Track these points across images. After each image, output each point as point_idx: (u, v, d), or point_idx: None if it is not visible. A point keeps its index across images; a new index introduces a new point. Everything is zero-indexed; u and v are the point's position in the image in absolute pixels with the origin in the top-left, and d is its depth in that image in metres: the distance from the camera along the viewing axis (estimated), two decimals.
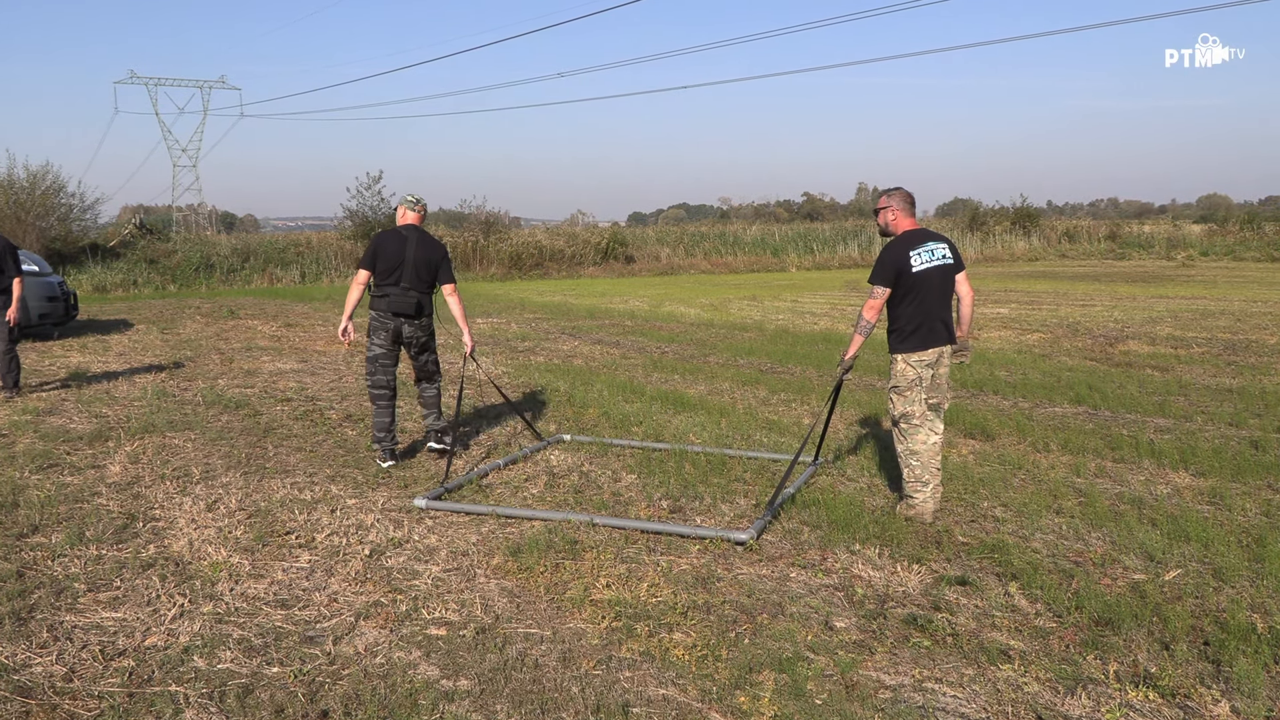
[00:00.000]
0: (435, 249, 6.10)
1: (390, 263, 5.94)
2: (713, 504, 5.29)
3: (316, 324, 15.29)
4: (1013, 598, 3.93)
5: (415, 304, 5.97)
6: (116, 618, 3.76)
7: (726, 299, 20.49)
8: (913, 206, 5.18)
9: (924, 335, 5.04)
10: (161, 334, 13.89)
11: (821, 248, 38.05)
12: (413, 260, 5.96)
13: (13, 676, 3.24)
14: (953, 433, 7.00)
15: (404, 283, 5.95)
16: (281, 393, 8.81)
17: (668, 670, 3.29)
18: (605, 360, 11.17)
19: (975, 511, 5.16)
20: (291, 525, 4.90)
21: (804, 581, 4.14)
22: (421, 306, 6.01)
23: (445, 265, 6.13)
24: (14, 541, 4.61)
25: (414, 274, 5.96)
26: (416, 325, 6.04)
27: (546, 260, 31.97)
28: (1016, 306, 17.21)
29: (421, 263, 5.98)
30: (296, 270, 28.17)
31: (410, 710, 3.03)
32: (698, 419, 7.54)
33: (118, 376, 9.72)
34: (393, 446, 6.14)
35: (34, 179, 25.21)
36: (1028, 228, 42.03)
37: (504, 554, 4.45)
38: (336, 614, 3.80)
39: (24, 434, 6.92)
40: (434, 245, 6.11)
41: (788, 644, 3.48)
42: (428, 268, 6.01)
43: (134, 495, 5.43)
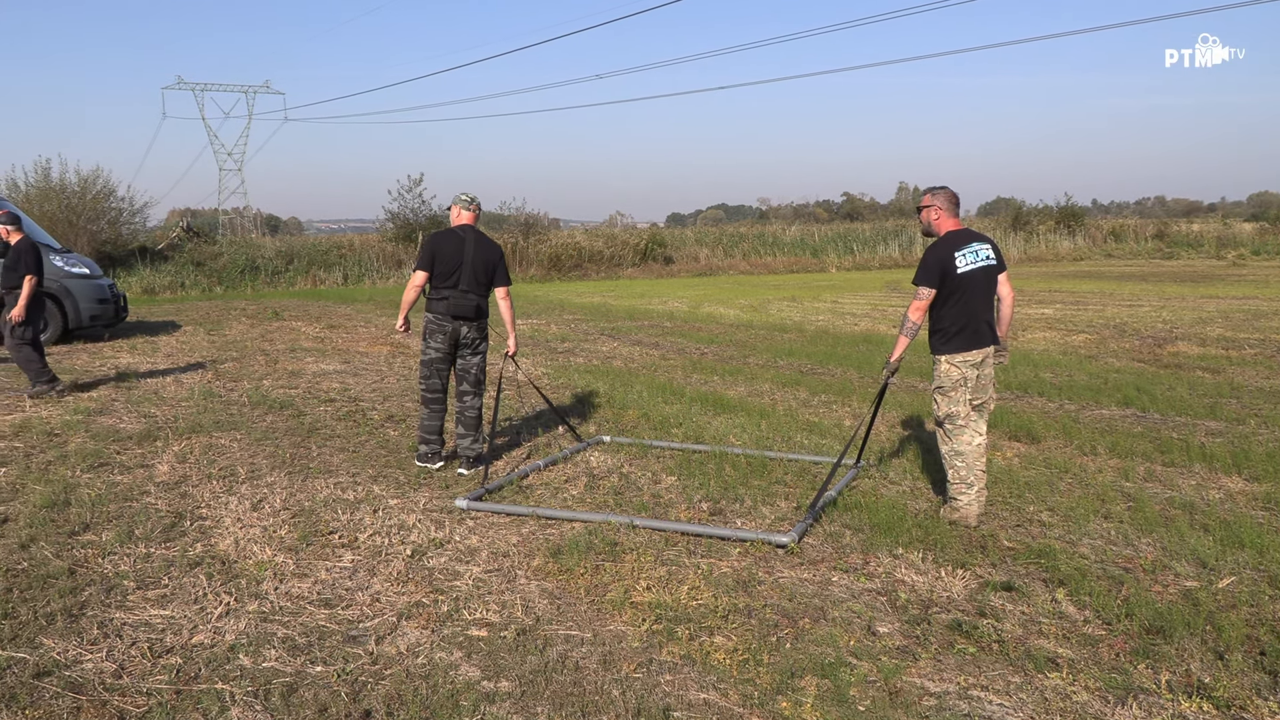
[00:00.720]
0: (493, 250, 6.01)
1: (448, 265, 5.86)
2: (753, 506, 5.26)
3: (359, 325, 15.45)
4: (1060, 604, 3.86)
5: (474, 307, 5.91)
6: (164, 615, 3.82)
7: (766, 300, 20.39)
8: (957, 206, 5.11)
9: (969, 336, 4.97)
10: (208, 335, 14.12)
11: (862, 248, 37.75)
12: (471, 262, 5.89)
13: (64, 673, 3.30)
14: (997, 435, 6.90)
15: (463, 285, 5.87)
16: (325, 393, 8.91)
17: (709, 674, 3.27)
18: (645, 361, 11.16)
19: (1021, 516, 5.08)
20: (335, 525, 4.95)
21: (846, 586, 4.10)
22: (480, 309, 5.96)
23: (502, 267, 6.05)
24: (66, 539, 4.70)
25: (472, 276, 5.89)
26: (474, 327, 5.98)
27: (585, 261, 32.03)
28: (1061, 307, 16.94)
29: (480, 265, 5.92)
30: (339, 272, 28.48)
31: (452, 711, 3.04)
32: (738, 421, 7.51)
33: (166, 377, 9.89)
34: (439, 449, 6.17)
35: (85, 184, 25.72)
36: (1072, 227, 41.37)
37: (544, 555, 4.46)
38: (379, 614, 3.83)
39: (76, 433, 7.07)
40: (491, 247, 6.03)
41: (830, 649, 3.45)
42: (486, 270, 5.95)
43: (181, 494, 5.52)
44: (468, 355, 6.05)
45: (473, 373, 6.09)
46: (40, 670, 3.31)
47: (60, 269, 12.80)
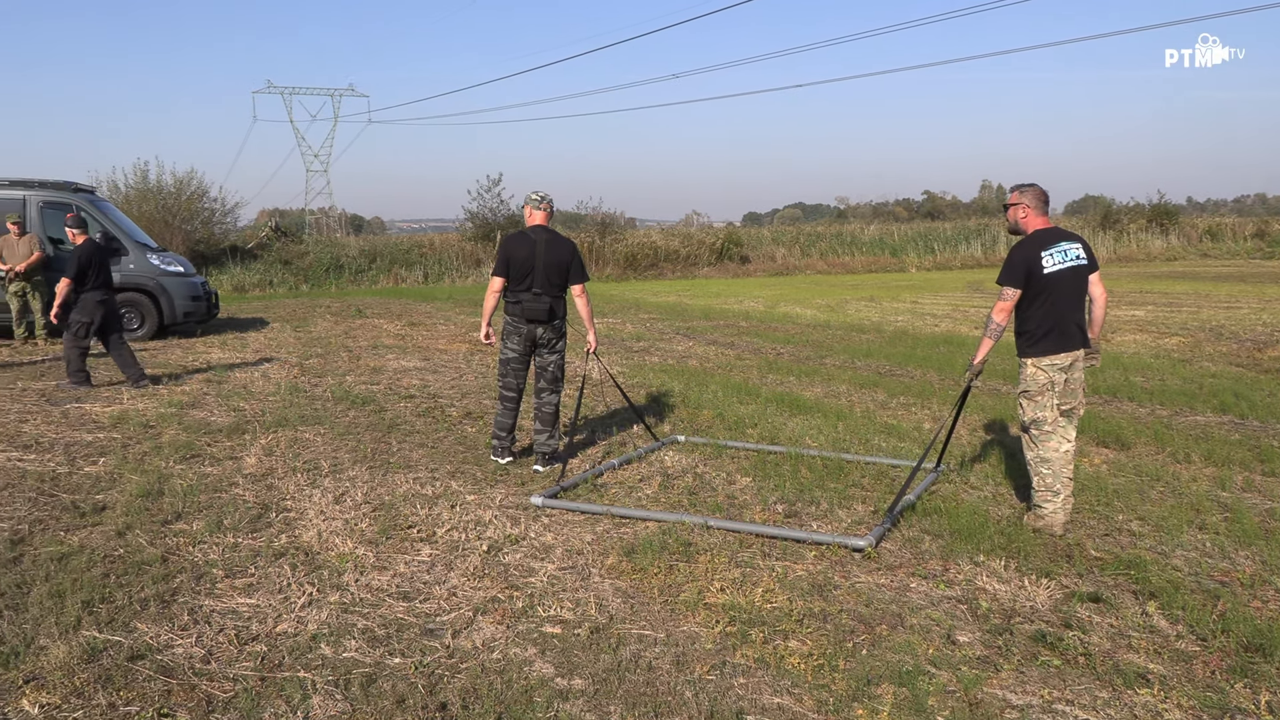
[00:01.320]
0: (565, 250, 6.03)
1: (521, 269, 5.91)
2: (829, 509, 5.19)
3: (439, 323, 15.72)
4: (1151, 618, 3.72)
5: (548, 309, 5.94)
6: (251, 604, 3.93)
7: (843, 300, 20.13)
8: (1046, 205, 4.97)
9: (1056, 338, 4.83)
10: (294, 332, 14.53)
11: (943, 247, 36.98)
12: (543, 265, 5.91)
13: (157, 656, 3.43)
14: (1084, 441, 6.68)
15: (536, 288, 5.92)
16: (405, 390, 9.08)
17: (783, 679, 3.24)
18: (720, 361, 11.12)
19: (1109, 525, 4.91)
20: (413, 519, 5.03)
21: (925, 592, 4.02)
22: (554, 310, 5.98)
23: (576, 265, 6.06)
24: (159, 528, 4.88)
25: (545, 279, 5.92)
26: (549, 328, 6.02)
27: (661, 261, 32.05)
28: (1154, 309, 16.35)
29: (552, 266, 5.94)
30: (420, 271, 29.05)
31: (525, 707, 3.07)
32: (814, 422, 7.42)
33: (254, 372, 10.20)
34: (510, 445, 6.24)
35: (180, 185, 26.72)
36: (1165, 226, 39.86)
37: (618, 554, 4.47)
38: (456, 608, 3.89)
39: (169, 426, 7.33)
40: (563, 246, 6.05)
41: (908, 657, 3.38)
42: (558, 271, 5.97)
43: (268, 486, 5.68)
44: (545, 354, 6.10)
45: (550, 370, 6.14)
46: (134, 653, 3.44)
47: (156, 267, 13.32)
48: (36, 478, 5.78)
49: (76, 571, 4.22)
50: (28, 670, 3.29)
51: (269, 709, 3.07)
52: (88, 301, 8.98)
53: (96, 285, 9.03)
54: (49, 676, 3.23)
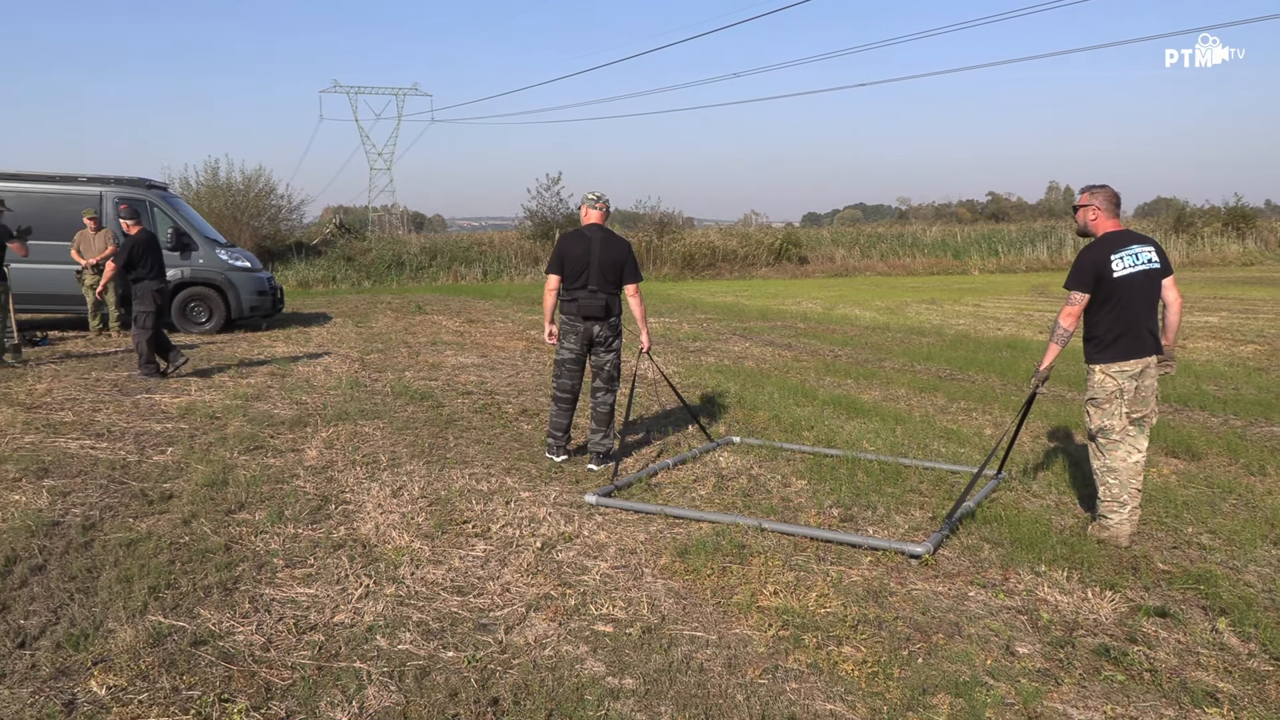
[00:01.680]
0: (620, 248, 6.05)
1: (576, 266, 5.95)
2: (886, 514, 5.12)
3: (496, 321, 15.87)
4: (1221, 635, 3.60)
5: (604, 306, 5.96)
6: (309, 593, 4.00)
7: (904, 302, 19.86)
8: (1117, 207, 4.83)
9: (1126, 344, 4.69)
10: (356, 327, 14.78)
11: (1007, 250, 36.27)
12: (598, 263, 5.95)
13: (218, 643, 3.50)
14: (1153, 450, 6.49)
15: (591, 285, 5.94)
16: (463, 386, 9.18)
17: (836, 685, 3.20)
18: (776, 362, 11.04)
19: (1178, 537, 4.77)
20: (469, 515, 5.08)
21: (983, 602, 3.93)
22: (610, 308, 6.00)
23: (630, 264, 6.08)
24: (223, 517, 5.00)
25: (600, 276, 5.95)
26: (606, 325, 6.03)
27: (719, 261, 31.95)
28: (1228, 315, 15.85)
29: (608, 264, 5.96)
30: (479, 268, 29.36)
31: (576, 705, 3.07)
32: (871, 425, 7.32)
33: (316, 366, 10.40)
34: (565, 444, 6.27)
35: (249, 182, 27.42)
36: (1242, 229, 38.58)
37: (671, 554, 4.45)
38: (509, 604, 3.91)
39: (234, 418, 7.50)
40: (618, 244, 6.08)
41: (965, 667, 3.31)
42: (614, 269, 5.99)
43: (328, 479, 5.78)
44: (601, 352, 6.10)
45: (606, 369, 6.15)
46: (197, 639, 3.52)
47: (224, 262, 13.64)
48: (108, 465, 5.96)
49: (144, 557, 4.33)
50: (96, 652, 3.39)
51: (325, 698, 3.11)
52: (146, 291, 9.21)
53: (151, 275, 9.27)
54: (116, 659, 3.33)
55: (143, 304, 9.20)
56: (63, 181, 13.36)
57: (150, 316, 9.21)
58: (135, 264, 9.16)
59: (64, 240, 12.71)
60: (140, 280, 9.20)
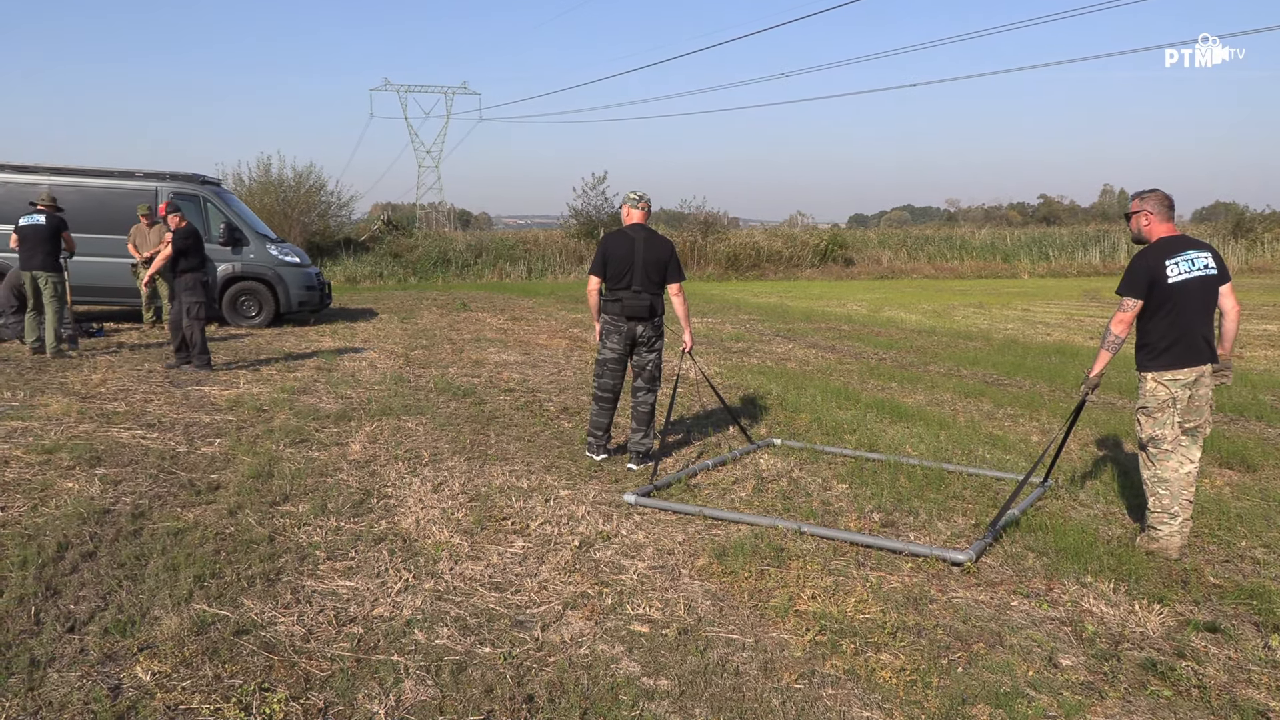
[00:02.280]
0: (663, 248, 6.05)
1: (620, 266, 5.95)
2: (928, 520, 5.05)
3: (540, 319, 15.94)
4: (1274, 651, 3.50)
5: (648, 306, 5.96)
6: (350, 586, 4.04)
7: (950, 305, 19.61)
8: (1171, 210, 4.72)
9: (1180, 352, 4.58)
10: (401, 323, 14.93)
11: (1058, 254, 35.62)
12: (642, 262, 5.94)
13: (260, 632, 3.56)
14: (1207, 461, 6.33)
15: (635, 285, 5.94)
16: (505, 383, 9.23)
17: (873, 692, 3.16)
18: (820, 365, 10.95)
19: (1230, 551, 4.64)
20: (508, 511, 5.10)
21: (1026, 612, 3.86)
22: (654, 308, 6.01)
23: (674, 263, 6.08)
24: (268, 508, 5.07)
25: (644, 276, 5.95)
26: (649, 325, 6.03)
27: (763, 261, 31.80)
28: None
29: (651, 264, 5.96)
30: (524, 266, 29.52)
31: (611, 704, 3.07)
32: (915, 430, 7.24)
33: (362, 361, 10.52)
34: (605, 443, 6.28)
35: (299, 179, 27.81)
36: None
37: (709, 556, 4.44)
38: (546, 601, 3.92)
39: (281, 411, 7.62)
40: (661, 244, 6.08)
41: (1006, 677, 3.26)
42: (657, 268, 5.99)
43: (370, 473, 5.84)
44: (644, 352, 6.10)
45: (648, 369, 6.14)
46: (240, 628, 3.58)
47: (275, 257, 13.86)
48: (158, 455, 6.08)
49: (190, 547, 4.41)
50: (142, 639, 3.46)
51: (363, 690, 3.15)
52: (195, 282, 9.43)
53: (196, 268, 9.49)
54: (161, 646, 3.39)
55: (194, 294, 9.40)
56: (120, 177, 13.66)
57: (203, 307, 9.43)
58: (182, 256, 9.38)
59: (120, 234, 13.01)
60: (187, 272, 9.41)
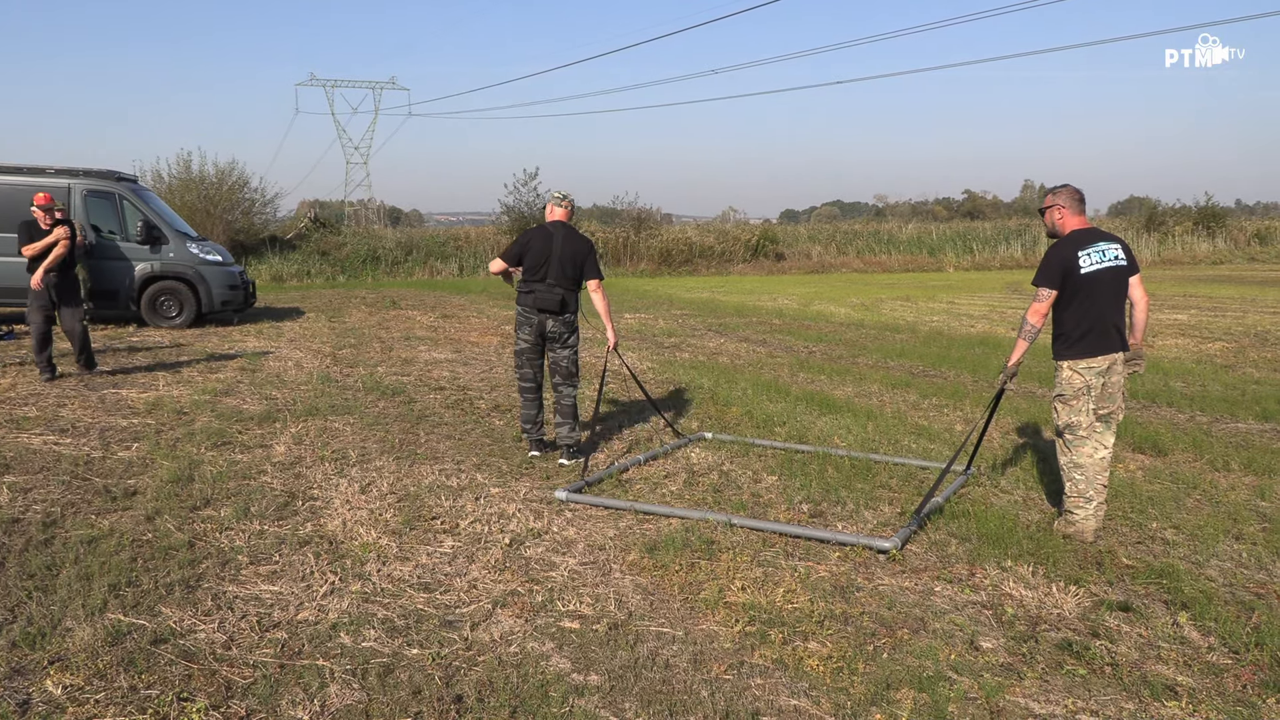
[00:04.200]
0: (581, 244, 6.10)
1: (537, 259, 5.98)
2: (855, 510, 5.13)
3: (471, 316, 15.79)
4: (1182, 629, 3.63)
5: (559, 300, 5.99)
6: (274, 590, 3.96)
7: (879, 299, 19.95)
8: (1082, 204, 4.87)
9: (1093, 341, 4.73)
10: (329, 322, 14.66)
11: (981, 247, 36.53)
12: (559, 256, 5.98)
13: (179, 641, 3.46)
14: (1120, 447, 6.56)
15: (550, 279, 5.97)
16: (435, 381, 9.12)
17: (800, 680, 3.20)
18: (751, 359, 11.05)
19: (1142, 533, 4.81)
20: (438, 511, 5.05)
21: (949, 597, 3.95)
22: (565, 303, 6.03)
23: (591, 260, 6.11)
24: (188, 513, 4.94)
25: (559, 270, 5.98)
26: (559, 321, 6.06)
27: (696, 257, 31.98)
28: (1197, 313, 16.02)
29: (568, 259, 6.00)
30: (455, 264, 29.22)
31: (541, 701, 3.06)
32: (843, 421, 7.35)
33: (288, 361, 10.30)
34: (539, 437, 6.26)
35: (221, 175, 27.09)
36: (1212, 228, 39.09)
37: (640, 550, 4.44)
38: (475, 600, 3.89)
39: (203, 413, 7.42)
40: (580, 241, 6.12)
41: (929, 662, 3.33)
42: (574, 263, 6.02)
43: (295, 475, 5.72)
44: (557, 348, 6.16)
45: (563, 365, 6.18)
46: (157, 637, 3.47)
47: (195, 256, 13.49)
48: (71, 461, 5.88)
49: (105, 555, 4.27)
50: (53, 651, 3.34)
51: (286, 696, 3.08)
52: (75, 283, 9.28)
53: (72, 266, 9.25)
54: (73, 658, 3.28)
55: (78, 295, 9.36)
56: (30, 174, 13.14)
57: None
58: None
59: None
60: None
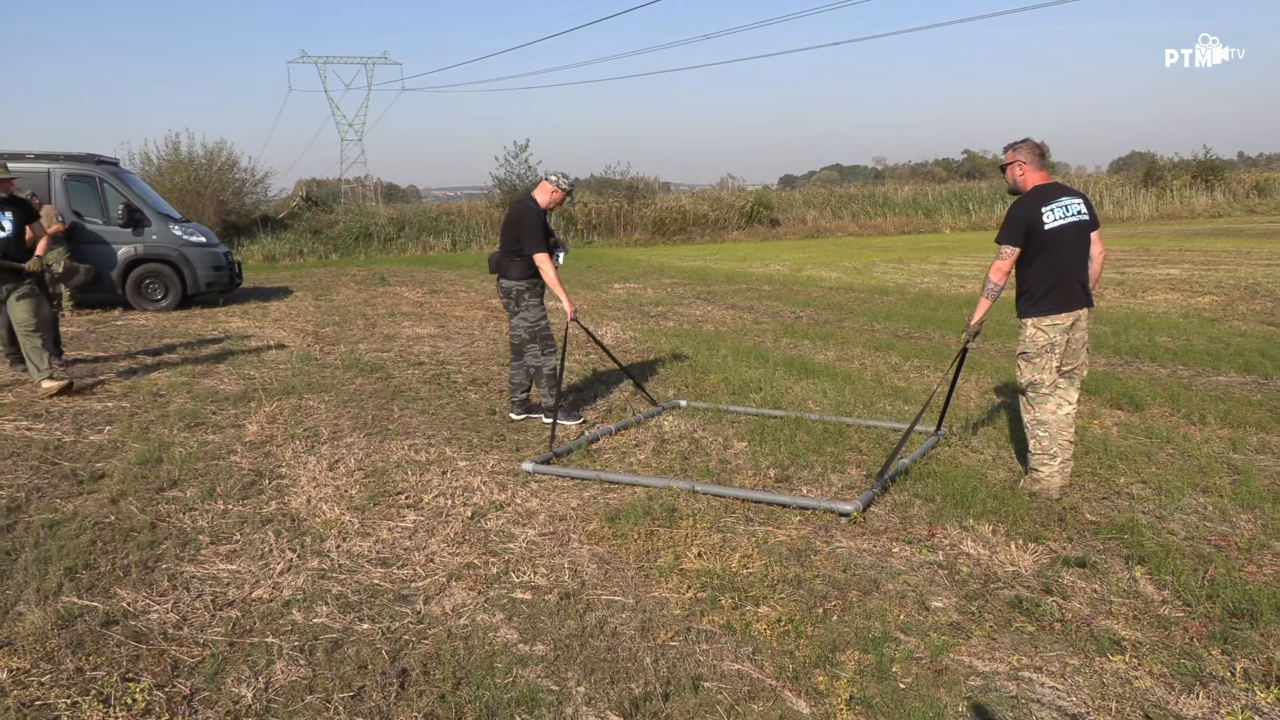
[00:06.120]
0: (511, 211, 6.21)
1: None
2: (822, 474, 5.11)
3: (460, 290, 15.74)
4: (1138, 583, 3.62)
5: (495, 263, 6.24)
6: (231, 569, 3.96)
7: (871, 262, 19.85)
8: (1043, 159, 4.80)
9: (1058, 298, 4.68)
10: (316, 301, 14.62)
11: (978, 207, 36.23)
12: (501, 224, 6.29)
13: (130, 622, 3.46)
14: (1098, 403, 6.54)
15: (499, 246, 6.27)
16: (415, 357, 9.10)
17: (746, 644, 3.19)
18: (736, 325, 11.01)
19: (1109, 488, 4.79)
20: (404, 486, 5.04)
21: (906, 558, 3.94)
22: (503, 268, 6.17)
23: (523, 230, 6.03)
24: (153, 495, 4.93)
25: (502, 236, 6.23)
26: (500, 287, 6.24)
27: (690, 225, 31.81)
28: (1190, 267, 15.91)
29: (504, 226, 6.21)
30: (448, 238, 29.11)
31: (485, 672, 3.05)
32: (820, 386, 7.31)
33: (270, 340, 10.28)
34: (521, 400, 6.47)
35: (211, 156, 26.92)
36: (1211, 182, 38.71)
37: (601, 520, 4.43)
38: (431, 574, 3.88)
39: (179, 394, 7.41)
40: (515, 206, 6.21)
41: (878, 623, 3.32)
42: (508, 230, 6.15)
43: (265, 454, 5.71)
44: (511, 318, 6.31)
45: (518, 332, 6.31)
46: (109, 619, 3.48)
47: (179, 238, 13.43)
48: (41, 446, 5.87)
49: (65, 539, 4.27)
50: (2, 636, 3.34)
51: (232, 674, 3.08)
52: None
53: None
54: (20, 642, 3.28)
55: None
56: (9, 159, 13.05)
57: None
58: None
59: None
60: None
